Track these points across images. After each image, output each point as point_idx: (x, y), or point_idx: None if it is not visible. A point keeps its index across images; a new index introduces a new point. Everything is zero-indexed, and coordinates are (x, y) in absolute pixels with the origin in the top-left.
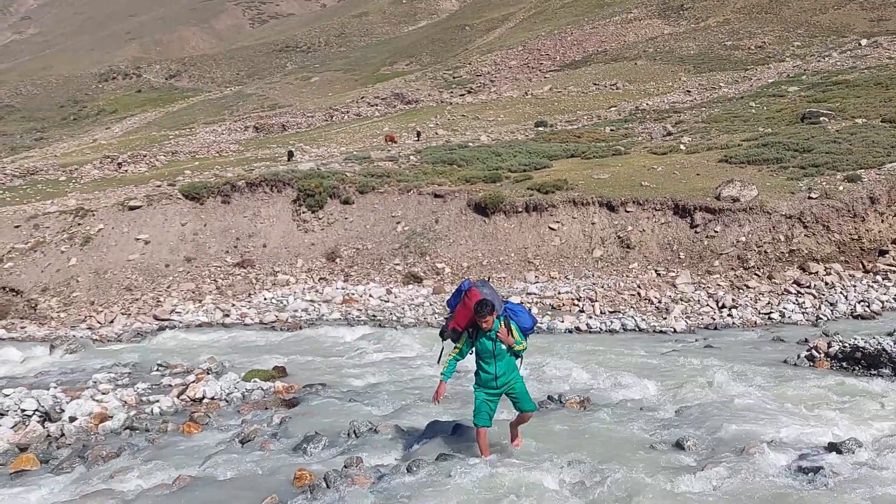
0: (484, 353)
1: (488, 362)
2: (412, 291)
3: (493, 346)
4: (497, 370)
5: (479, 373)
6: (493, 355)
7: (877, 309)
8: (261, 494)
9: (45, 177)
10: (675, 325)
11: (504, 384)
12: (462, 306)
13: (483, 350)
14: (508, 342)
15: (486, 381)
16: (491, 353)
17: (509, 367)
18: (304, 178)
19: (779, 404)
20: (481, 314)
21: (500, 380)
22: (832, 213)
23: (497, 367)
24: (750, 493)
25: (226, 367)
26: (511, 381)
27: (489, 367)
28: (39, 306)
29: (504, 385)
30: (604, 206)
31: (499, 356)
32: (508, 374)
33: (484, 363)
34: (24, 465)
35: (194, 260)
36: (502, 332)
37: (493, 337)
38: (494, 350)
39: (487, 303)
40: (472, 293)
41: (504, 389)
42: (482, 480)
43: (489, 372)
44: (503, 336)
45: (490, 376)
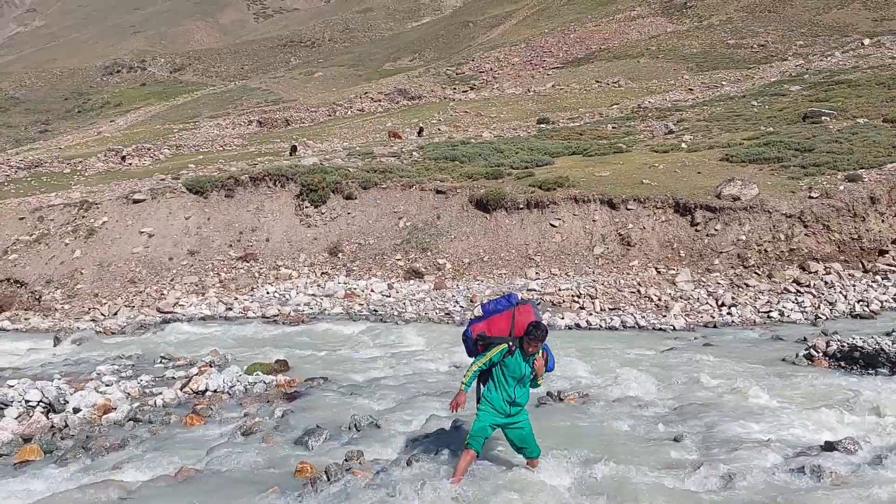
0: (512, 373)
1: (510, 383)
2: (413, 287)
3: (524, 370)
4: (516, 395)
5: (493, 392)
6: (519, 379)
7: (876, 308)
8: (262, 486)
9: (50, 169)
10: (675, 323)
11: (514, 413)
12: (503, 316)
13: (512, 370)
14: (539, 372)
15: (497, 402)
16: (519, 376)
17: (524, 400)
18: (308, 173)
19: (776, 402)
20: (535, 336)
21: (514, 407)
22: (832, 212)
23: (517, 392)
24: (746, 490)
25: (228, 360)
26: (520, 416)
27: (509, 388)
28: (43, 298)
29: (514, 415)
30: (605, 203)
31: (521, 382)
32: (522, 405)
33: (505, 382)
34: (29, 455)
35: (198, 253)
36: (539, 361)
37: (530, 362)
38: (524, 374)
39: (545, 329)
40: (527, 309)
41: (511, 420)
42: (482, 476)
43: (507, 393)
44: (539, 365)
45: (506, 398)
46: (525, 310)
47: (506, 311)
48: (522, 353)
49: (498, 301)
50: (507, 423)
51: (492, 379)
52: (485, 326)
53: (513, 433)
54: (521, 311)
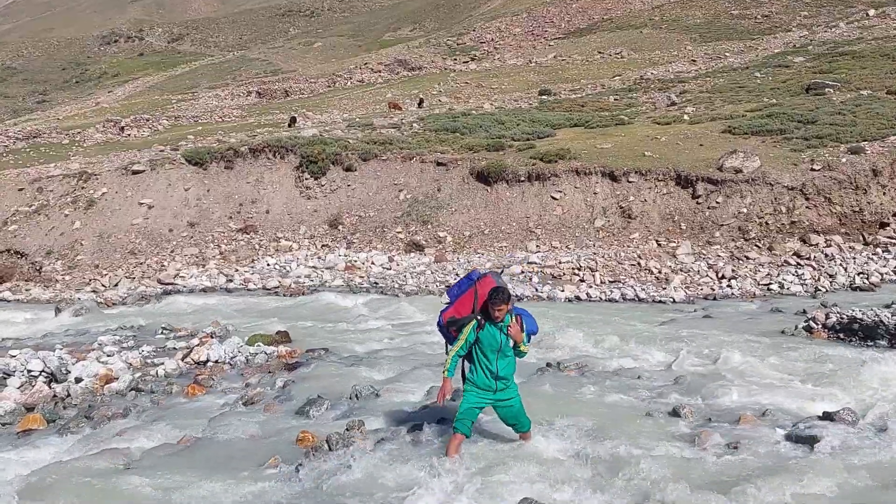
0: (489, 345)
1: (490, 357)
2: (414, 259)
3: (500, 339)
4: (499, 368)
5: (477, 369)
6: (497, 350)
7: (875, 281)
8: (264, 455)
9: (48, 140)
10: (675, 296)
11: (502, 389)
12: (467, 295)
13: (488, 342)
14: (517, 338)
15: (482, 379)
16: (497, 347)
17: (510, 371)
18: (307, 145)
19: (775, 374)
20: (496, 302)
21: (500, 382)
22: (834, 185)
23: (499, 364)
24: (744, 461)
25: (229, 331)
26: (509, 391)
27: (491, 363)
28: (44, 269)
29: (501, 390)
30: (606, 175)
31: (502, 352)
32: (508, 378)
33: (486, 358)
34: (32, 424)
35: (198, 225)
36: (514, 326)
37: (503, 329)
38: (501, 345)
39: (504, 290)
40: (487, 280)
41: (500, 396)
42: (481, 446)
43: (490, 369)
44: (514, 331)
45: (490, 374)
46: (486, 282)
47: (468, 289)
48: (492, 323)
49: (460, 283)
50: (495, 401)
51: (473, 358)
52: (453, 311)
53: (503, 411)
54: (483, 283)
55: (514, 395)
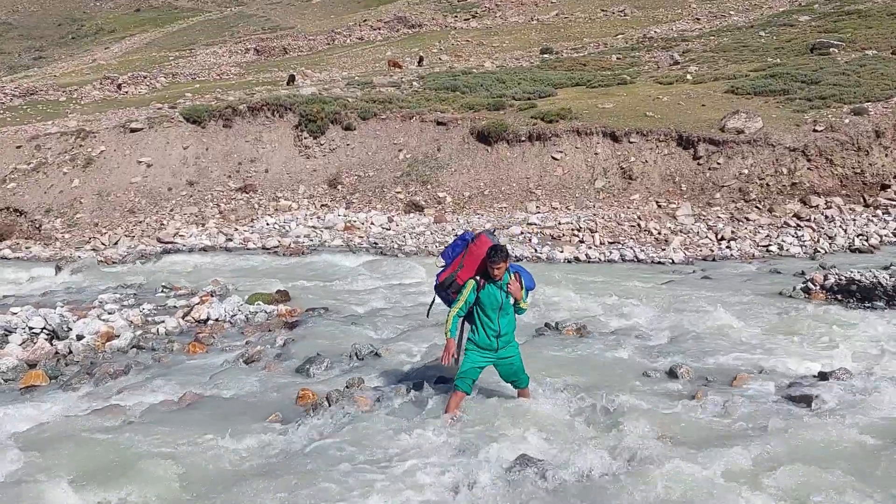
0: (489, 304)
1: (491, 316)
2: (413, 220)
3: (501, 297)
4: (501, 326)
5: (479, 328)
6: (499, 308)
7: (875, 243)
8: (265, 412)
9: (45, 97)
10: (674, 257)
11: (504, 346)
12: (467, 254)
13: (489, 301)
14: (517, 295)
15: (483, 339)
16: (498, 305)
17: (511, 328)
18: (306, 103)
19: (772, 335)
20: (495, 260)
21: (502, 339)
22: (836, 146)
23: (501, 322)
24: (740, 420)
25: (230, 289)
26: (510, 349)
27: (492, 322)
28: (44, 227)
29: (503, 348)
30: (607, 136)
31: (504, 310)
32: (510, 335)
33: (487, 317)
34: (34, 381)
35: (196, 184)
36: (513, 283)
37: (503, 287)
38: (502, 302)
39: (503, 248)
40: (483, 240)
41: (501, 354)
42: (480, 404)
43: (491, 328)
44: (514, 288)
45: (492, 332)
46: (481, 241)
47: (463, 250)
48: (492, 281)
49: (454, 244)
50: (497, 359)
51: (474, 318)
52: (450, 273)
53: (504, 369)
54: (478, 244)
55: (515, 353)
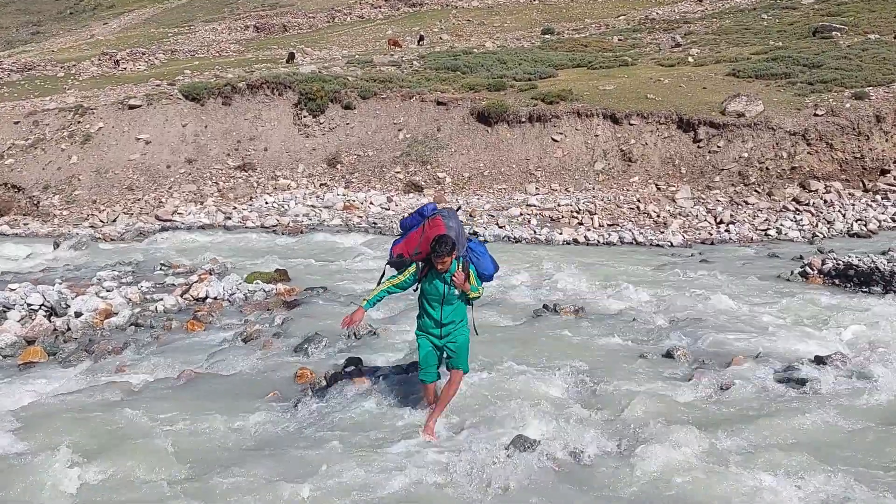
0: (431, 295)
1: (434, 307)
2: (413, 200)
3: (445, 290)
4: (443, 316)
5: (423, 316)
6: (441, 301)
7: (873, 228)
8: (263, 390)
9: (43, 73)
10: (673, 240)
11: (447, 334)
12: (418, 233)
13: (431, 292)
14: (463, 288)
15: (427, 326)
16: (440, 297)
17: (457, 315)
18: (306, 82)
19: (769, 318)
20: (439, 253)
21: (445, 328)
22: (837, 130)
23: (443, 312)
24: (735, 402)
25: (228, 268)
26: (456, 334)
27: (434, 311)
28: (42, 203)
29: (446, 336)
30: (608, 118)
31: (447, 301)
32: (455, 322)
33: (429, 306)
34: (32, 357)
35: (195, 162)
36: (458, 276)
37: (446, 280)
38: (445, 295)
39: (448, 240)
40: (436, 222)
41: (445, 341)
42: (478, 382)
43: (433, 317)
44: (458, 281)
45: (432, 322)
46: (434, 223)
47: (419, 226)
48: (434, 271)
49: (413, 216)
50: (446, 342)
51: (419, 303)
52: (403, 247)
53: (449, 345)
54: (431, 224)
55: (462, 333)
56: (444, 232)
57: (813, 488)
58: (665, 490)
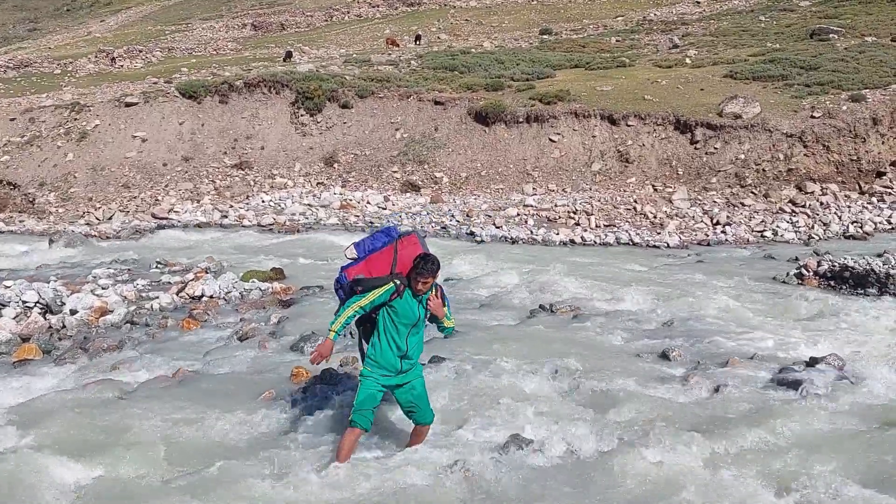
0: (404, 316)
1: (401, 332)
2: (410, 200)
3: (420, 313)
4: (408, 346)
5: (381, 343)
6: (412, 324)
7: (869, 230)
8: (258, 389)
9: (40, 69)
10: (669, 241)
11: (407, 370)
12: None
13: (405, 312)
14: (438, 313)
15: (385, 355)
16: (413, 321)
17: (418, 352)
18: (303, 80)
19: (764, 319)
20: (423, 272)
21: (406, 362)
22: (833, 132)
23: (409, 341)
24: (730, 403)
25: (224, 266)
26: (412, 374)
27: (399, 338)
28: (37, 201)
29: (406, 372)
30: (605, 119)
31: (415, 330)
32: (415, 356)
33: (395, 331)
34: (27, 354)
35: (192, 160)
36: (434, 301)
37: (423, 302)
38: (419, 318)
39: (435, 260)
40: (411, 240)
41: (402, 380)
42: (473, 383)
43: (397, 344)
44: (435, 305)
45: (396, 350)
46: (410, 241)
47: (386, 247)
48: (412, 292)
49: (375, 237)
50: (397, 383)
51: (378, 329)
52: (363, 268)
53: (403, 395)
54: (405, 243)
55: (418, 377)
56: (426, 251)
57: (807, 489)
58: (659, 491)
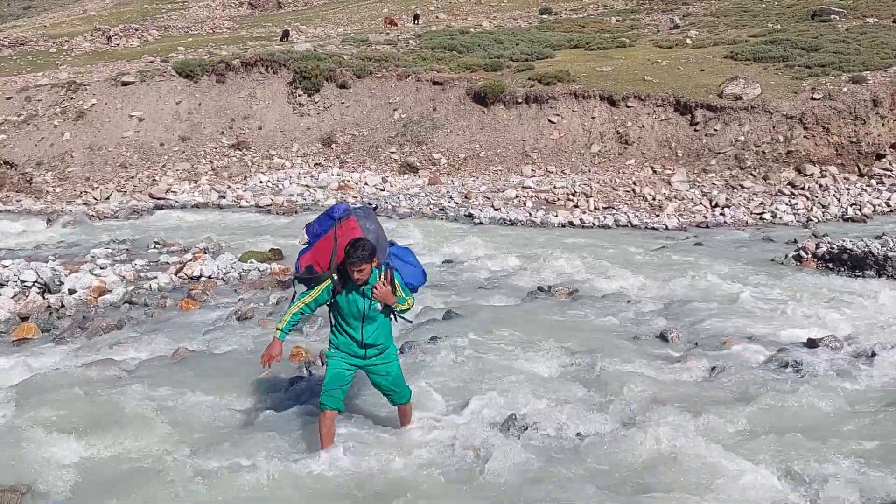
0: (349, 313)
1: (353, 325)
2: (408, 181)
3: (365, 306)
4: (364, 336)
5: (340, 336)
6: (361, 317)
7: (868, 212)
8: (257, 369)
9: (35, 48)
10: (668, 223)
11: (373, 356)
12: (326, 240)
13: (348, 309)
14: (388, 300)
15: (346, 346)
16: (359, 314)
17: (382, 333)
18: (301, 60)
19: (763, 301)
20: (354, 261)
21: (370, 350)
22: (833, 114)
23: (365, 331)
24: (728, 384)
25: (222, 247)
26: (382, 356)
27: (353, 331)
28: (34, 180)
29: (372, 357)
30: (605, 100)
31: (369, 319)
32: (381, 343)
33: (346, 325)
34: (26, 333)
35: (189, 140)
36: (380, 289)
37: (367, 293)
38: (365, 311)
39: (366, 245)
40: (349, 225)
41: (371, 363)
42: (472, 363)
43: (353, 337)
44: (381, 293)
45: (354, 342)
46: (348, 226)
47: (328, 232)
48: (353, 284)
49: (321, 220)
50: (367, 366)
51: (332, 320)
52: (311, 257)
53: (379, 381)
54: (344, 228)
55: (391, 361)
56: (360, 235)
57: (803, 469)
58: (656, 471)
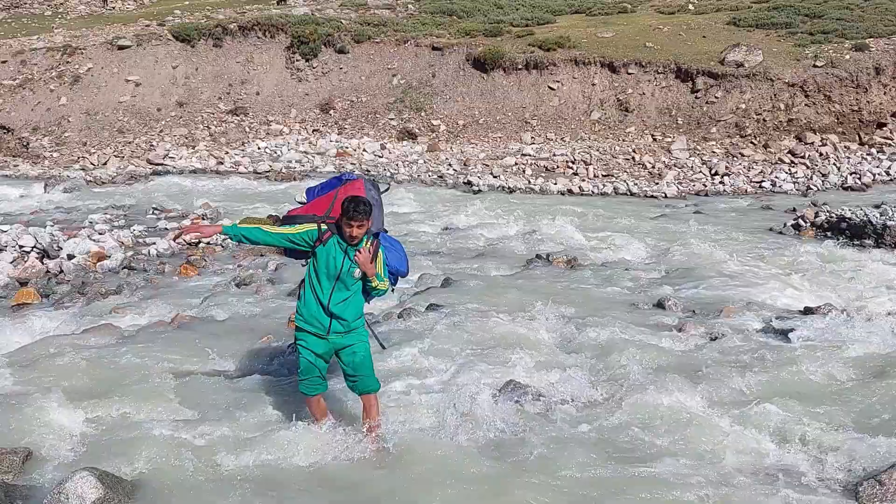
0: (324, 267)
1: (324, 285)
2: (406, 148)
3: (341, 265)
4: (330, 302)
5: (307, 294)
6: (334, 277)
7: (867, 181)
8: (257, 334)
9: (30, 10)
10: (667, 191)
11: (338, 332)
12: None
13: (324, 262)
14: (367, 269)
15: (310, 309)
16: (335, 272)
17: (349, 310)
18: (299, 24)
19: (760, 270)
20: (353, 215)
21: (336, 323)
22: (835, 82)
23: (333, 297)
24: (725, 351)
25: (220, 213)
26: (350, 336)
27: (322, 292)
28: (31, 145)
29: (338, 334)
30: (605, 66)
31: (342, 283)
32: (347, 317)
33: (317, 283)
34: (26, 298)
35: (186, 105)
36: (364, 254)
37: (349, 253)
38: (341, 270)
39: (367, 203)
40: (355, 185)
41: (336, 340)
42: (470, 330)
43: (319, 300)
44: (363, 258)
45: (319, 305)
46: (354, 186)
47: (331, 191)
48: (340, 240)
49: (327, 182)
50: (334, 345)
51: (304, 280)
52: (304, 210)
53: (345, 356)
54: (348, 188)
55: (360, 341)
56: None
57: (800, 436)
58: (653, 437)
